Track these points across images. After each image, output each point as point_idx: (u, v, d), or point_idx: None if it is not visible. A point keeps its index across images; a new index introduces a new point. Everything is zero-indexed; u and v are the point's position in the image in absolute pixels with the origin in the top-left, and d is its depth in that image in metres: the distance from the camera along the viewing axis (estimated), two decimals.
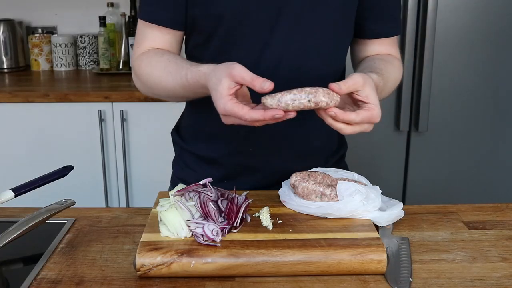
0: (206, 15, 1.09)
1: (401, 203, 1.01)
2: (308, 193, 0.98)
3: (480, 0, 2.20)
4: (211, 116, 1.15)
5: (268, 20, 1.07)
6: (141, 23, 1.15)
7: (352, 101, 0.96)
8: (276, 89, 0.88)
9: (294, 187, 1.00)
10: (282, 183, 1.06)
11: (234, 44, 1.09)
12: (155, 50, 1.13)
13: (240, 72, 0.88)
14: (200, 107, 1.15)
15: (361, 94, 0.92)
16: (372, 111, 0.92)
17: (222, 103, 0.89)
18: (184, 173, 1.26)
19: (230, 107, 0.88)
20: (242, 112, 0.87)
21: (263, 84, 0.87)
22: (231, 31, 1.08)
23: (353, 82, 0.91)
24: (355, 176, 1.07)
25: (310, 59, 1.12)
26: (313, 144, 1.20)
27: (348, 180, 1.02)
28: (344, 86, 0.90)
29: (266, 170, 1.18)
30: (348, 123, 0.91)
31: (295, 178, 1.00)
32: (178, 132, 1.29)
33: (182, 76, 1.03)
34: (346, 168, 1.28)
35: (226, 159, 1.19)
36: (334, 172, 1.08)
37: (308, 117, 1.10)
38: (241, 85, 0.90)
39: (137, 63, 1.15)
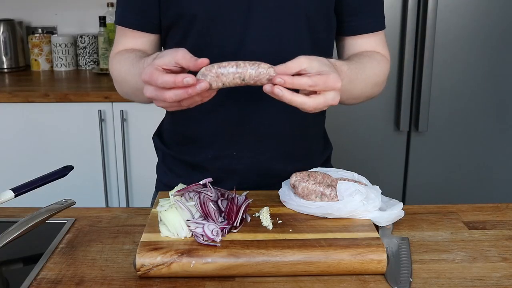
0: (180, 16, 1.09)
1: (401, 203, 1.01)
2: (308, 193, 0.98)
3: (480, 0, 2.20)
4: (193, 121, 1.15)
5: (241, 17, 1.07)
6: (117, 28, 1.19)
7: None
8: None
9: (294, 187, 1.00)
10: (282, 183, 1.06)
11: (210, 43, 1.09)
12: (128, 49, 1.15)
13: (183, 53, 0.88)
14: (181, 111, 1.15)
15: (311, 71, 0.87)
16: (327, 75, 0.86)
17: (146, 69, 0.88)
18: (168, 178, 1.23)
19: (149, 72, 0.87)
20: (155, 75, 0.86)
21: (200, 61, 0.86)
22: (205, 29, 1.08)
23: (297, 60, 0.87)
24: (355, 176, 1.07)
25: (287, 54, 1.10)
26: (299, 145, 1.19)
27: (348, 180, 1.02)
28: (288, 64, 0.87)
29: (251, 173, 1.16)
30: (302, 93, 0.86)
31: (295, 178, 1.00)
32: (160, 137, 1.28)
33: (141, 65, 1.03)
34: None
35: (211, 164, 1.17)
36: (334, 172, 1.08)
37: (294, 117, 1.10)
38: (181, 68, 0.88)
39: (111, 63, 1.18)
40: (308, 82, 0.85)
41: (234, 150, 1.14)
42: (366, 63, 1.10)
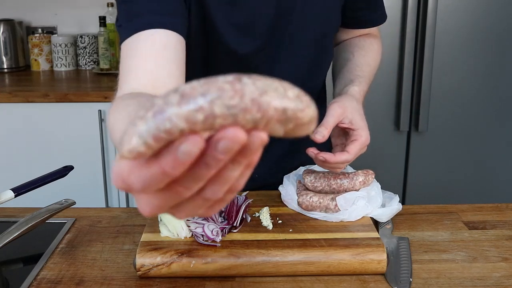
0: (195, 28, 1.04)
1: (397, 195, 1.02)
2: (312, 209, 0.98)
3: (480, 0, 2.20)
4: None
5: (264, 27, 1.05)
6: (127, 46, 0.87)
7: (339, 129, 0.97)
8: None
9: (299, 204, 0.99)
10: (283, 183, 1.06)
11: (217, 58, 1.06)
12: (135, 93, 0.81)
13: None
14: None
15: (345, 121, 0.94)
16: (360, 139, 0.94)
17: None
18: None
19: None
20: None
21: None
22: (216, 44, 1.04)
23: (333, 117, 0.92)
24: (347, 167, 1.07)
25: (297, 75, 1.10)
26: (305, 140, 1.19)
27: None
28: (327, 127, 0.91)
29: (259, 168, 1.17)
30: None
31: (301, 199, 0.99)
32: None
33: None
34: None
35: None
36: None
37: None
38: None
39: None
40: (349, 158, 0.92)
41: None
42: (370, 62, 1.13)
